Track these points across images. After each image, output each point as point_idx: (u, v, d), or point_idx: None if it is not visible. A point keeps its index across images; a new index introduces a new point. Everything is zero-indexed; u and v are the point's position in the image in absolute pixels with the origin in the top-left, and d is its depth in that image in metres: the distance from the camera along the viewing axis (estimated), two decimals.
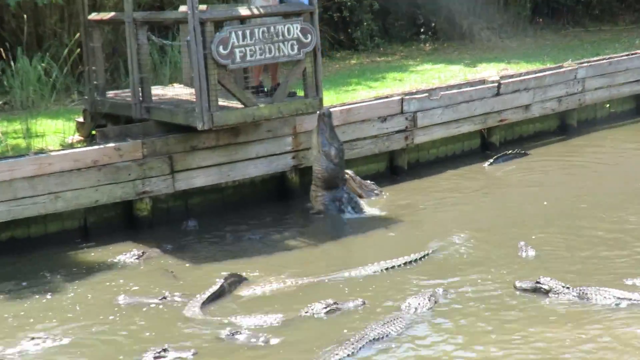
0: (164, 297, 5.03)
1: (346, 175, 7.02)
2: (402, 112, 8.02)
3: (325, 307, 4.65)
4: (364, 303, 4.79)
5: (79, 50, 8.23)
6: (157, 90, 7.54)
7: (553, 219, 6.45)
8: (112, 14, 7.64)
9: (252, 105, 6.45)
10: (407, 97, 8.14)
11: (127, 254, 5.95)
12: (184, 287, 5.28)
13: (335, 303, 4.71)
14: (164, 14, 8.34)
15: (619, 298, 4.63)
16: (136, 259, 5.91)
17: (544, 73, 9.32)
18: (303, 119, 7.22)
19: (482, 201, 7.17)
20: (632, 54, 10.33)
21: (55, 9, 9.45)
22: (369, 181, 7.36)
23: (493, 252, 5.73)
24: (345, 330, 4.42)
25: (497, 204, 7.04)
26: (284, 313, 4.67)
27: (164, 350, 4.16)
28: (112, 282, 5.51)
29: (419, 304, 4.67)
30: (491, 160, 8.26)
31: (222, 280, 5.11)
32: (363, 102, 8.07)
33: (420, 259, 5.52)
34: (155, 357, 4.12)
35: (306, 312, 4.66)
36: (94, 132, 7.06)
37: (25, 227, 6.29)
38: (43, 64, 8.65)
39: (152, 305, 4.96)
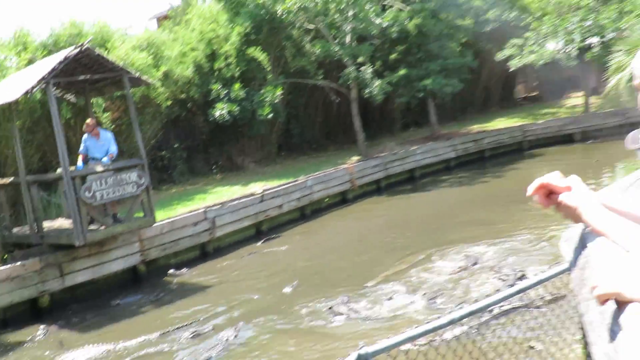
0: None
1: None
2: (206, 218, 10.39)
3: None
4: None
5: None
6: (47, 223, 9.24)
7: (305, 273, 8.70)
8: (12, 178, 9.52)
9: (111, 225, 8.50)
10: (208, 209, 10.50)
11: (36, 333, 7.54)
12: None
13: None
14: (47, 176, 9.81)
15: None
16: (43, 335, 7.51)
17: (287, 185, 12.55)
18: (145, 230, 9.55)
19: (257, 268, 9.32)
20: (336, 169, 14.38)
21: None
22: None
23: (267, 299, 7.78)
24: None
25: (269, 268, 9.26)
26: None
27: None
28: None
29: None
30: (261, 242, 10.88)
31: None
32: (181, 215, 10.32)
33: None
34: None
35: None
36: (5, 256, 8.78)
37: None
38: None
39: None
